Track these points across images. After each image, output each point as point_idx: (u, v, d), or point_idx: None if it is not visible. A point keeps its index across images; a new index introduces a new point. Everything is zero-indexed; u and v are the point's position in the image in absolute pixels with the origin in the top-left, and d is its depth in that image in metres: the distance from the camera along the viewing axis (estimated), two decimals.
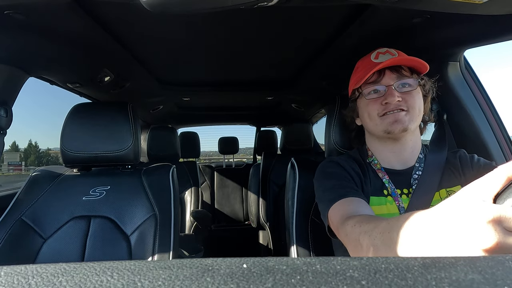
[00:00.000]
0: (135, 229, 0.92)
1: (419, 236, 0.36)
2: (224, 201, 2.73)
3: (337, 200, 0.65)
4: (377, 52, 0.75)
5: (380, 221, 0.47)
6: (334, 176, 0.73)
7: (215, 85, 1.60)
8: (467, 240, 0.31)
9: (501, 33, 0.78)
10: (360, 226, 0.51)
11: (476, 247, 0.30)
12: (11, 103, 0.98)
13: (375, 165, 0.77)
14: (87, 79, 1.19)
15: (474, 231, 0.30)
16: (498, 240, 0.29)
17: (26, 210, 0.91)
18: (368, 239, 0.47)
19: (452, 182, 0.72)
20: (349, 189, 0.68)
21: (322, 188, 0.74)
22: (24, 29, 0.77)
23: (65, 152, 0.96)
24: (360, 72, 0.77)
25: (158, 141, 1.99)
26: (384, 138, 0.75)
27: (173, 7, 0.47)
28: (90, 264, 0.20)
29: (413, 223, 0.38)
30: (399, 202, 0.70)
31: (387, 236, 0.42)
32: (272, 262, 0.19)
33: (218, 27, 0.91)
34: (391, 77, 0.71)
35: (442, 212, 0.35)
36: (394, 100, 0.69)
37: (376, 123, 0.73)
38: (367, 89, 0.74)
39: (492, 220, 0.29)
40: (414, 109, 0.71)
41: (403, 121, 0.70)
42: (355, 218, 0.55)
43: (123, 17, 0.82)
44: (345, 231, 0.56)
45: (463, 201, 0.33)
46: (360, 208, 0.61)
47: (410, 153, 0.75)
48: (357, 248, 0.51)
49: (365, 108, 0.75)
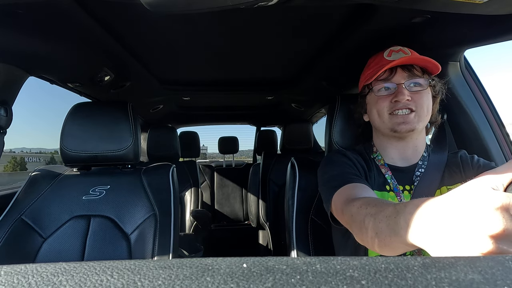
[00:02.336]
0: (135, 229, 0.92)
1: (427, 222, 0.36)
2: (224, 201, 2.73)
3: (342, 185, 0.65)
4: (390, 50, 0.75)
5: (386, 205, 0.46)
6: (340, 165, 0.74)
7: (215, 84, 1.60)
8: (475, 226, 0.30)
9: (501, 33, 0.78)
10: (366, 208, 0.51)
11: (483, 233, 0.30)
12: (11, 102, 0.98)
13: (379, 160, 0.78)
14: (87, 79, 1.19)
15: (482, 217, 0.30)
16: (506, 227, 0.29)
17: (26, 209, 0.92)
18: (374, 222, 0.47)
19: (453, 180, 0.72)
20: (354, 176, 0.69)
21: (327, 175, 0.74)
22: (24, 28, 0.77)
23: (65, 151, 0.96)
24: (372, 69, 0.77)
25: (158, 140, 1.99)
26: (390, 136, 0.76)
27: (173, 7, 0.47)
28: (90, 264, 0.20)
29: (421, 209, 0.37)
30: (401, 198, 0.71)
31: (393, 220, 0.42)
32: (272, 262, 0.19)
33: (218, 27, 0.91)
34: (402, 75, 0.72)
35: (452, 199, 0.34)
36: (403, 99, 0.70)
37: (384, 121, 0.74)
38: (378, 86, 0.74)
39: (501, 207, 0.29)
40: (423, 109, 0.71)
41: (411, 122, 0.70)
42: (361, 200, 0.55)
43: (123, 17, 0.82)
44: (350, 212, 0.55)
45: (474, 189, 0.33)
46: (366, 193, 0.61)
47: (414, 151, 0.76)
48: (362, 231, 0.50)
49: (374, 105, 0.76)
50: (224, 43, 1.04)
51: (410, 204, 0.40)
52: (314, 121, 2.39)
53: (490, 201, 0.30)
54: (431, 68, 0.72)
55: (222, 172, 2.80)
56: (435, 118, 0.79)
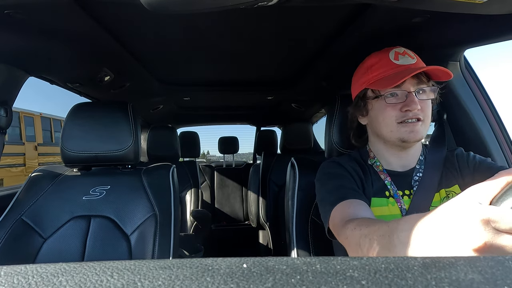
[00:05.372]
0: (135, 229, 0.92)
1: (418, 239, 0.37)
2: (224, 201, 2.73)
3: (338, 202, 0.65)
4: (395, 52, 0.71)
5: (380, 225, 0.47)
6: (335, 177, 0.73)
7: (215, 84, 1.60)
8: (460, 240, 0.32)
9: (501, 33, 0.78)
10: (360, 230, 0.51)
11: (467, 246, 0.31)
12: (11, 102, 0.98)
13: (377, 166, 0.76)
14: (87, 79, 1.19)
15: (465, 231, 0.31)
16: (487, 240, 0.30)
17: (26, 210, 0.91)
18: (369, 242, 0.47)
19: (450, 182, 0.72)
20: (350, 190, 0.68)
21: (323, 189, 0.73)
22: (24, 29, 0.77)
23: (65, 151, 0.96)
24: (378, 71, 0.72)
25: (158, 140, 1.99)
26: (394, 145, 0.73)
27: (173, 7, 0.47)
28: (90, 264, 0.20)
29: (412, 226, 0.39)
30: (401, 203, 0.70)
31: (388, 239, 0.42)
32: (272, 262, 0.19)
33: (218, 27, 0.91)
34: (412, 82, 0.68)
35: (440, 214, 0.36)
36: (415, 108, 0.67)
37: (392, 130, 0.70)
38: (387, 92, 0.69)
39: (483, 220, 0.30)
40: (428, 119, 0.70)
41: (419, 132, 0.68)
42: (355, 221, 0.55)
43: (123, 16, 0.82)
44: (345, 234, 0.56)
45: (460, 204, 0.34)
46: (360, 211, 0.61)
47: (412, 156, 0.75)
48: (358, 252, 0.51)
49: (382, 112, 0.71)
50: (224, 43, 1.04)
51: (402, 222, 0.41)
52: (314, 121, 2.39)
53: (473, 215, 0.31)
54: (440, 76, 0.69)
55: (222, 172, 2.80)
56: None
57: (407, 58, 0.71)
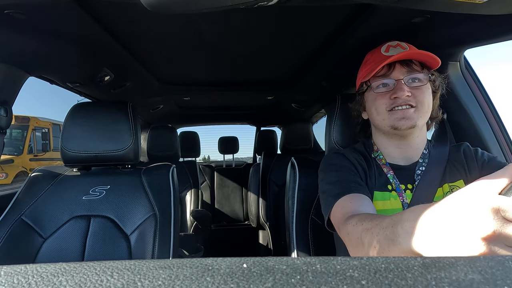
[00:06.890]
0: (135, 229, 0.92)
1: (424, 228, 0.36)
2: (224, 201, 2.73)
3: (341, 196, 0.65)
4: (388, 45, 0.73)
5: (382, 218, 0.47)
6: (339, 169, 0.73)
7: (215, 84, 1.60)
8: (467, 229, 0.31)
9: (501, 33, 0.78)
10: (362, 224, 0.51)
11: (475, 235, 0.30)
12: (11, 102, 0.98)
13: (380, 160, 0.76)
14: (87, 79, 1.19)
15: (473, 220, 0.31)
16: (495, 228, 0.29)
17: (26, 209, 0.92)
18: (371, 236, 0.47)
19: (455, 177, 0.71)
20: (353, 183, 0.68)
21: (326, 181, 0.73)
22: (24, 29, 0.77)
23: (65, 151, 0.96)
24: (369, 65, 0.75)
25: (158, 140, 1.99)
26: (390, 134, 0.74)
27: (173, 7, 0.47)
28: (90, 264, 0.20)
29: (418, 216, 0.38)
30: (403, 197, 0.70)
31: (391, 230, 0.42)
32: (272, 262, 0.19)
33: (218, 27, 0.91)
34: (401, 71, 0.70)
35: (448, 203, 0.35)
36: (403, 95, 0.68)
37: (384, 118, 0.72)
38: (376, 82, 0.72)
39: (493, 209, 0.30)
40: (423, 105, 0.69)
41: (411, 118, 0.68)
42: (356, 217, 0.55)
43: (123, 17, 0.82)
44: (347, 230, 0.56)
45: (470, 193, 0.34)
46: (363, 206, 0.61)
47: (415, 149, 0.75)
48: (359, 247, 0.51)
49: (373, 102, 0.74)
50: (224, 43, 1.04)
51: (407, 212, 0.41)
52: (314, 121, 2.39)
53: (481, 203, 0.31)
54: (430, 63, 0.71)
55: (222, 172, 2.80)
56: (435, 114, 0.77)
57: (398, 49, 0.71)
